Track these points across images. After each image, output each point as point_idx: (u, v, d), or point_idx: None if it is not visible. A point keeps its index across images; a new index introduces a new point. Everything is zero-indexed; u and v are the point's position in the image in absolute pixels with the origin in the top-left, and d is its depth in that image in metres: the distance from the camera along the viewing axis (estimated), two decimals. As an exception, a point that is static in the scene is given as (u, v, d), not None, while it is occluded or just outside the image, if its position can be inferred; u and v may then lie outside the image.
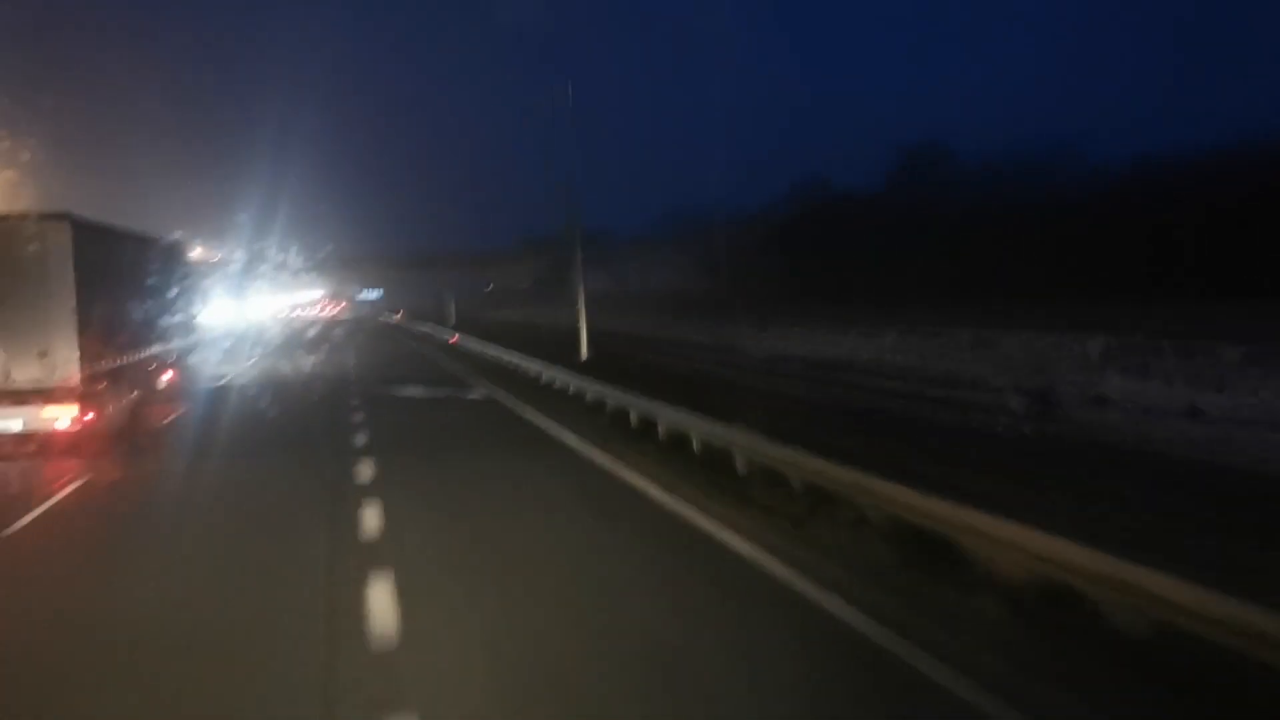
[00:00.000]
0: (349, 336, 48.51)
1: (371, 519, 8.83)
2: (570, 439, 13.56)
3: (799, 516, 8.21)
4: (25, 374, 13.05)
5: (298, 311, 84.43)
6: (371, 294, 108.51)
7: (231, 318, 40.49)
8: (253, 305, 56.91)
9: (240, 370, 28.04)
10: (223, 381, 24.30)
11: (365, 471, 11.43)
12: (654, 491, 9.78)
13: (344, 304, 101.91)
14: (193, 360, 21.59)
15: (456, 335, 36.08)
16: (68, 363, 13.11)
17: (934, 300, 37.16)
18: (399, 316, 68.97)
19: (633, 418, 13.74)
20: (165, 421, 16.95)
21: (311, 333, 51.08)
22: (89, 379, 13.39)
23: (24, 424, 13.06)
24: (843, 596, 6.16)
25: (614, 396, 15.07)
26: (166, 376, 18.61)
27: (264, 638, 5.90)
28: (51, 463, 12.73)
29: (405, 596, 6.47)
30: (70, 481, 11.43)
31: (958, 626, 5.55)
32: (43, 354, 13.06)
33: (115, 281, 15.42)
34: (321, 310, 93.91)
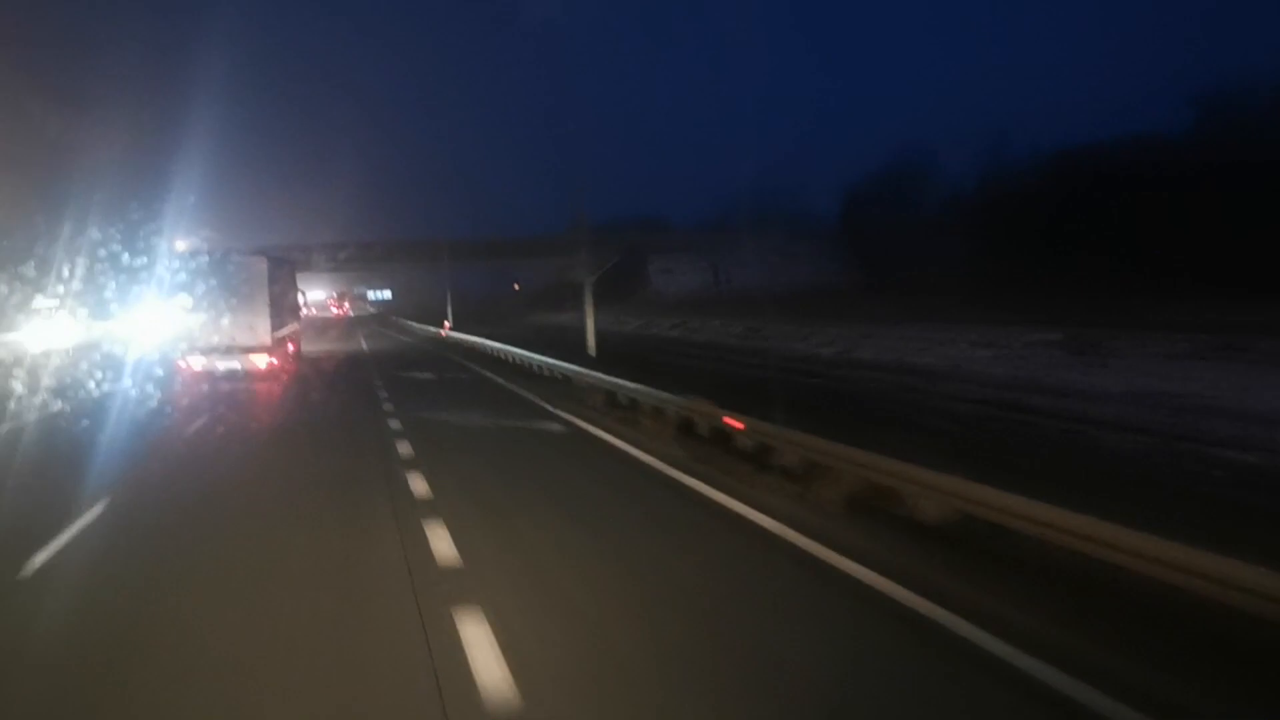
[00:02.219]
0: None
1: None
2: None
3: None
4: (242, 338, 24.70)
5: (312, 310, 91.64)
6: (380, 294, 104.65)
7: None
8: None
9: (316, 347, 41.12)
10: (309, 349, 36.75)
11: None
12: None
13: (348, 305, 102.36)
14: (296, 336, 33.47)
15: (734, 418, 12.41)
16: (264, 332, 24.77)
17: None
18: (445, 330, 46.36)
19: None
20: (298, 367, 28.78)
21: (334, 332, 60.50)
22: (273, 342, 24.96)
23: (241, 365, 24.67)
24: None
25: None
26: (291, 347, 30.31)
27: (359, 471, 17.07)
28: (255, 381, 24.35)
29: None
30: (274, 384, 23.11)
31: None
32: (251, 327, 24.69)
33: (280, 287, 27.03)
34: (330, 309, 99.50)
